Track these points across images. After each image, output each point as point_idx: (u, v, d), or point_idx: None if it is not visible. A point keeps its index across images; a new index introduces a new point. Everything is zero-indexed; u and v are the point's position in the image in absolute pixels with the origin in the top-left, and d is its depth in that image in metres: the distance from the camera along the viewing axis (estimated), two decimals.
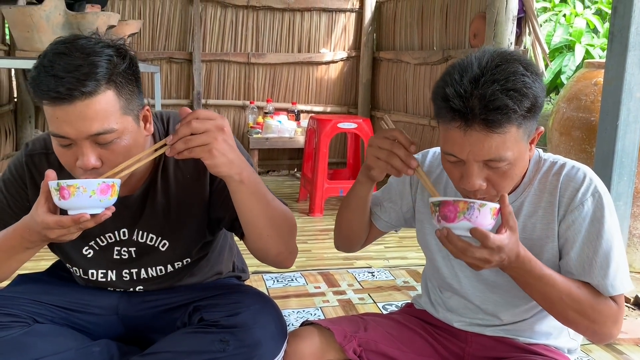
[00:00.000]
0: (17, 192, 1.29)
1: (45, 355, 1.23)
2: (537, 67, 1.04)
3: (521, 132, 1.02)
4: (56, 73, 1.02)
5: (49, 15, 2.62)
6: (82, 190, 1.03)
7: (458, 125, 1.00)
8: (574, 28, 4.59)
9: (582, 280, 1.11)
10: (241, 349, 1.20)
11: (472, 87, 0.98)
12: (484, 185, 1.05)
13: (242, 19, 4.65)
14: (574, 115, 2.85)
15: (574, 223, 1.10)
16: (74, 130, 1.05)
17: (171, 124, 1.30)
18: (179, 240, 1.33)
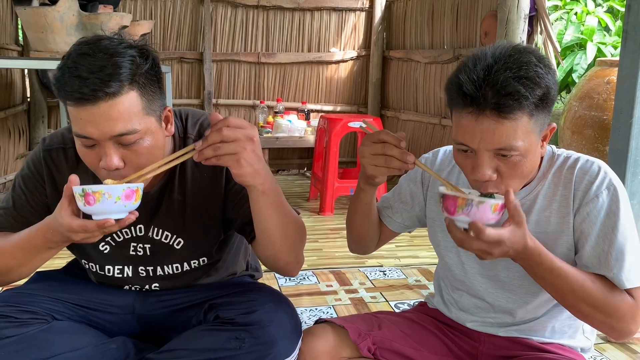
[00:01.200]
0: (36, 187, 1.30)
1: (63, 351, 1.24)
2: (549, 61, 1.05)
3: (532, 123, 1.02)
4: (80, 74, 1.03)
5: (63, 16, 2.65)
6: (108, 197, 1.03)
7: (470, 112, 1.02)
8: (586, 26, 4.55)
9: (598, 274, 1.11)
10: (257, 346, 1.21)
11: (485, 74, 0.99)
12: (494, 176, 1.05)
13: (252, 18, 4.66)
14: (586, 113, 2.83)
15: (588, 215, 1.10)
16: (98, 131, 1.07)
17: (189, 122, 1.31)
18: (193, 239, 1.34)
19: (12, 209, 1.30)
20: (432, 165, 1.32)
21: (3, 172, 3.76)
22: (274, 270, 1.33)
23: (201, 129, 1.31)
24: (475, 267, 1.25)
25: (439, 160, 1.32)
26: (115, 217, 1.06)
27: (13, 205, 1.30)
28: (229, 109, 4.77)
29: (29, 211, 1.30)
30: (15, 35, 4.03)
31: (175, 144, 1.30)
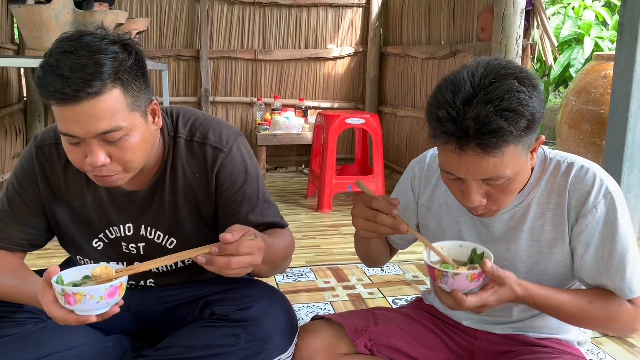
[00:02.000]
0: (30, 185, 1.29)
1: (59, 350, 1.25)
2: (533, 79, 0.99)
3: (519, 149, 0.99)
4: (62, 73, 1.02)
5: (58, 14, 2.64)
6: (89, 297, 1.00)
7: (452, 149, 0.98)
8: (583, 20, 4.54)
9: (595, 287, 1.11)
10: (252, 342, 1.21)
11: (465, 109, 0.94)
12: (484, 201, 1.04)
13: (248, 15, 4.65)
14: (583, 108, 2.83)
15: (587, 227, 1.08)
16: (82, 130, 1.06)
17: (180, 121, 1.30)
18: (186, 239, 1.33)
19: (8, 210, 1.29)
20: (422, 168, 1.30)
21: (0, 172, 3.76)
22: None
23: (192, 128, 1.29)
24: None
25: (426, 166, 1.29)
26: (98, 312, 1.04)
27: (9, 206, 1.29)
28: (226, 106, 4.76)
29: (26, 211, 1.29)
30: (11, 34, 4.01)
31: (165, 142, 1.28)
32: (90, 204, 1.27)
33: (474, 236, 1.21)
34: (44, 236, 1.34)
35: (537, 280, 1.17)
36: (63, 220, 1.30)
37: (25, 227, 1.30)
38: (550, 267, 1.15)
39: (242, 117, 4.79)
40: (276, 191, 4.12)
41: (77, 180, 1.28)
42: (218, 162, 1.27)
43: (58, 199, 1.30)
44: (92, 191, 1.29)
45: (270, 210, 1.35)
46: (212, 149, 1.27)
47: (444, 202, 1.25)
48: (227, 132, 1.30)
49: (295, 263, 2.49)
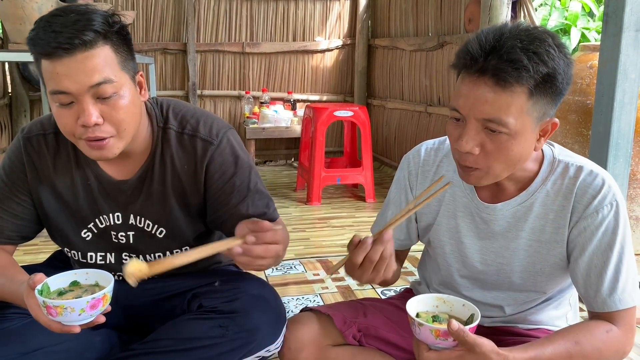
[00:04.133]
0: (18, 177, 1.29)
1: (46, 345, 1.24)
2: (569, 53, 0.99)
3: (530, 105, 0.98)
4: (54, 29, 1.06)
5: (41, 7, 2.61)
6: (70, 310, 0.99)
7: (469, 73, 0.99)
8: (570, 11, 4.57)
9: (585, 296, 1.09)
10: (240, 334, 1.21)
11: (494, 40, 0.96)
12: (476, 150, 1.01)
13: (236, 8, 4.62)
14: (569, 98, 2.85)
15: (585, 230, 1.07)
16: (75, 84, 1.07)
17: (171, 113, 1.30)
18: (176, 229, 1.33)
19: None
20: (417, 163, 1.27)
21: None
22: None
23: (183, 121, 1.29)
24: (463, 271, 1.24)
25: (422, 158, 1.27)
26: (81, 323, 1.04)
27: None
28: (214, 100, 4.75)
29: (15, 202, 1.29)
30: None
31: (154, 132, 1.28)
32: (81, 192, 1.27)
33: (472, 231, 1.19)
34: (33, 228, 1.34)
35: (532, 281, 1.17)
36: (52, 211, 1.30)
37: (14, 219, 1.29)
38: (546, 269, 1.14)
39: (230, 111, 4.78)
40: (265, 185, 4.08)
41: (67, 170, 1.28)
42: (208, 155, 1.27)
43: (47, 190, 1.30)
44: (82, 180, 1.29)
45: (262, 201, 1.34)
46: (202, 141, 1.27)
47: (442, 196, 1.23)
48: (218, 125, 1.30)
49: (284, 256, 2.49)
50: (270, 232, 1.08)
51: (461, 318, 1.06)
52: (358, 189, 3.85)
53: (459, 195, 1.20)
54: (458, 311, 1.07)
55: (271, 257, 1.09)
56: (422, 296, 1.07)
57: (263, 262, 1.09)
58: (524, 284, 1.18)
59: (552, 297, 1.23)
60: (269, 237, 1.07)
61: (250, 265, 1.09)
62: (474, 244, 1.20)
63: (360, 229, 3.02)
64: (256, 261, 1.08)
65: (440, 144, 1.27)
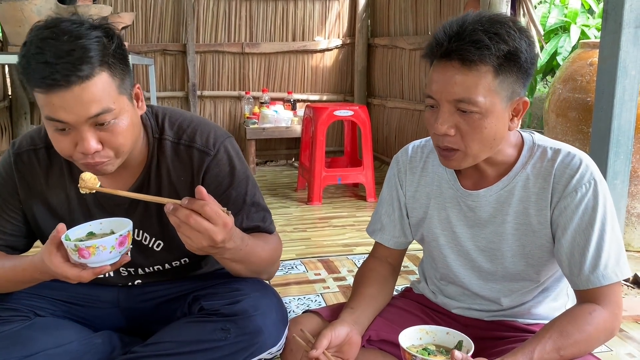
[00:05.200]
0: (10, 194, 1.28)
1: (47, 348, 1.24)
2: (530, 36, 1.06)
3: (497, 83, 1.04)
4: (47, 60, 1.00)
5: (40, 9, 2.62)
6: (102, 249, 1.04)
7: (437, 58, 1.06)
8: (569, 9, 4.58)
9: (570, 277, 1.11)
10: (242, 336, 1.21)
11: (457, 26, 1.04)
12: (451, 131, 1.07)
13: (235, 8, 4.64)
14: (570, 96, 2.85)
15: (566, 209, 1.10)
16: (72, 115, 1.04)
17: (167, 123, 1.29)
18: (173, 242, 1.31)
19: None
20: (405, 161, 1.33)
21: None
22: None
23: (179, 131, 1.28)
24: (459, 261, 1.27)
25: (410, 156, 1.34)
26: (111, 262, 1.07)
27: None
28: (214, 100, 4.76)
29: (5, 219, 1.28)
30: None
31: (149, 143, 1.27)
32: (76, 207, 1.26)
33: (462, 220, 1.23)
34: (24, 242, 1.33)
35: (525, 264, 1.20)
36: (47, 227, 1.27)
37: (3, 235, 1.29)
38: (535, 252, 1.17)
39: (230, 111, 4.80)
40: (266, 185, 4.12)
41: (61, 185, 1.27)
42: (204, 166, 1.26)
43: (41, 206, 1.29)
44: (77, 194, 1.27)
45: (258, 214, 1.34)
46: (198, 152, 1.26)
47: (431, 190, 1.28)
48: (215, 134, 1.29)
49: (285, 256, 2.49)
50: (208, 204, 1.04)
51: (448, 346, 1.09)
52: (359, 188, 3.86)
53: (445, 187, 1.25)
54: (442, 339, 1.10)
55: (195, 230, 1.04)
56: (406, 331, 1.10)
57: (186, 231, 1.05)
58: (517, 269, 1.21)
59: (548, 288, 1.25)
60: (197, 206, 1.04)
61: (179, 230, 1.06)
62: (465, 232, 1.24)
63: (361, 228, 3.03)
64: (181, 227, 1.05)
65: (427, 142, 1.33)
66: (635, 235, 2.62)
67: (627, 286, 2.22)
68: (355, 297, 1.29)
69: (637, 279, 2.24)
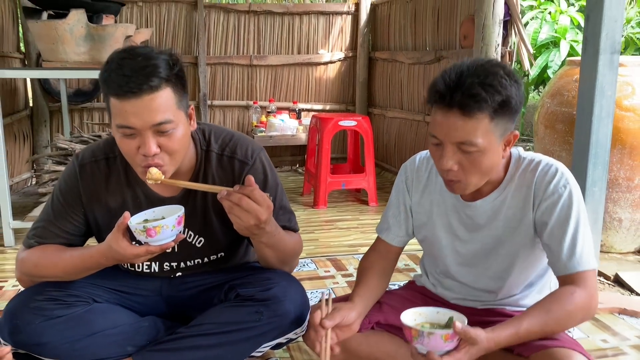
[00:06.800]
0: (73, 200, 1.45)
1: (105, 328, 1.43)
2: (517, 77, 1.22)
3: (493, 125, 1.19)
4: (125, 73, 1.22)
5: (72, 28, 2.80)
6: (166, 227, 1.24)
7: (441, 107, 1.20)
8: (559, 25, 4.75)
9: (554, 267, 1.27)
10: (273, 318, 1.40)
11: (457, 78, 1.18)
12: (455, 167, 1.23)
13: (244, 23, 4.80)
14: (557, 109, 3.01)
15: (546, 209, 1.28)
16: (140, 121, 1.24)
17: (212, 138, 1.49)
18: (213, 238, 1.51)
19: (54, 220, 1.46)
20: (412, 170, 1.49)
21: (10, 175, 3.92)
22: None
23: (223, 144, 1.48)
24: (457, 259, 1.43)
25: (417, 165, 1.49)
26: (172, 239, 1.28)
27: (54, 217, 1.46)
28: (223, 110, 4.91)
29: (69, 221, 1.46)
30: (17, 44, 4.17)
31: (198, 155, 1.47)
32: (131, 210, 1.37)
33: (461, 225, 1.39)
34: (80, 239, 1.51)
35: (513, 261, 1.34)
36: (106, 227, 1.42)
37: (65, 234, 1.46)
38: (521, 250, 1.34)
39: (238, 120, 4.94)
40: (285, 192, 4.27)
41: (119, 190, 1.46)
42: (244, 174, 1.45)
43: (102, 209, 1.46)
44: (132, 198, 1.45)
45: (285, 216, 1.53)
46: (239, 162, 1.47)
47: (435, 198, 1.44)
48: (252, 147, 1.50)
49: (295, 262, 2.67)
50: (256, 189, 1.25)
51: (440, 323, 1.22)
52: (361, 193, 4.02)
53: (447, 196, 1.41)
54: (434, 318, 1.23)
55: (246, 211, 1.23)
56: (404, 313, 1.21)
57: (238, 212, 1.24)
58: (507, 266, 1.36)
59: (533, 283, 1.42)
60: (247, 190, 1.24)
61: (230, 211, 1.25)
62: (464, 235, 1.40)
63: (364, 230, 3.21)
64: (233, 209, 1.24)
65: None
66: (617, 238, 2.78)
67: (608, 284, 2.42)
68: (361, 286, 1.45)
69: (617, 278, 2.43)
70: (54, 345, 1.39)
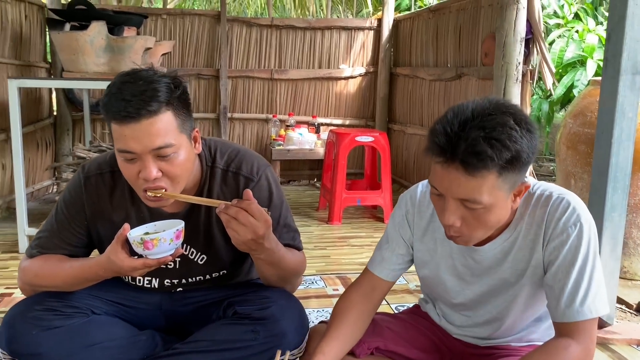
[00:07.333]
0: (77, 212, 1.45)
1: (102, 341, 1.42)
2: (531, 125, 1.06)
3: (500, 182, 1.06)
4: (124, 97, 1.22)
5: (93, 40, 2.86)
6: (163, 241, 1.23)
7: (439, 161, 1.07)
8: (586, 44, 4.68)
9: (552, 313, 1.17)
10: (269, 338, 1.38)
11: (459, 129, 1.03)
12: (457, 222, 1.11)
13: (266, 37, 4.86)
14: (579, 130, 2.95)
15: (554, 250, 1.16)
16: (140, 145, 1.23)
17: (218, 153, 1.48)
18: (216, 255, 1.50)
19: (57, 231, 1.46)
20: (414, 204, 1.36)
21: (32, 182, 4.00)
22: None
23: (228, 160, 1.47)
24: (461, 299, 1.35)
25: (418, 201, 1.37)
26: (169, 254, 1.27)
27: (57, 228, 1.46)
28: (243, 122, 4.96)
29: (71, 233, 1.46)
30: (44, 54, 4.29)
31: (203, 171, 1.46)
32: (135, 224, 1.37)
33: (467, 269, 1.30)
34: (83, 251, 1.50)
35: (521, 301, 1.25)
36: (107, 239, 1.40)
37: (68, 246, 1.47)
38: (530, 290, 1.25)
39: (257, 133, 4.98)
40: (289, 203, 4.25)
41: (122, 205, 1.45)
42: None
43: (105, 222, 1.45)
44: (136, 214, 1.44)
45: (289, 234, 1.52)
46: (244, 178, 1.45)
47: (439, 237, 1.32)
48: (258, 163, 1.49)
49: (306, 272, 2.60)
50: (253, 203, 1.24)
51: None
52: (377, 210, 3.99)
53: None
54: None
55: (243, 225, 1.22)
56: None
57: (235, 226, 1.23)
58: (514, 307, 1.28)
59: (541, 318, 1.34)
60: (245, 204, 1.23)
61: (228, 225, 1.24)
62: (471, 279, 1.31)
63: None
64: (230, 222, 1.23)
65: None
66: (637, 262, 2.72)
67: (630, 313, 2.33)
68: (328, 339, 1.30)
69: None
70: (50, 356, 1.38)
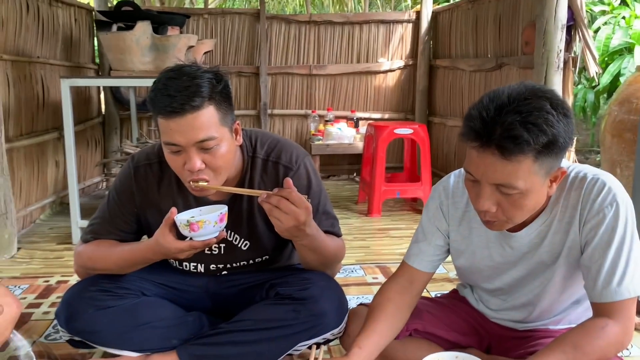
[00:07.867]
0: (128, 199, 1.53)
1: (152, 320, 1.50)
2: (567, 109, 1.07)
3: (537, 166, 1.06)
4: (170, 93, 1.29)
5: (139, 39, 2.97)
6: (208, 223, 1.30)
7: (475, 146, 1.07)
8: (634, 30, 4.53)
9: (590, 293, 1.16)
10: (310, 317, 1.43)
11: (495, 114, 1.04)
12: (493, 208, 1.12)
13: (304, 33, 4.91)
14: (625, 117, 2.89)
15: (590, 230, 1.16)
16: (184, 138, 1.30)
17: (259, 144, 1.54)
18: (258, 242, 1.56)
19: (108, 218, 1.54)
20: (447, 194, 1.36)
21: (82, 178, 4.18)
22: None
23: (268, 149, 1.53)
24: (499, 285, 1.35)
25: (451, 192, 1.36)
26: (214, 236, 1.33)
27: (109, 215, 1.54)
28: (282, 118, 5.03)
29: (122, 220, 1.54)
30: (92, 55, 4.47)
31: (244, 160, 1.52)
32: (182, 211, 1.42)
33: (503, 257, 1.30)
34: (133, 237, 1.57)
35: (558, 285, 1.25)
36: (156, 226, 1.43)
37: (119, 232, 1.54)
38: (567, 272, 1.24)
39: (297, 129, 5.04)
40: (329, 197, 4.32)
41: (170, 193, 1.52)
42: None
43: (153, 210, 1.52)
44: (183, 202, 1.50)
45: (328, 221, 1.56)
46: (284, 167, 1.51)
47: (474, 227, 1.33)
48: (297, 153, 1.54)
49: (346, 261, 2.69)
50: (293, 191, 1.29)
51: None
52: (417, 202, 3.98)
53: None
54: None
55: (284, 212, 1.27)
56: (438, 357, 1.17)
57: (277, 214, 1.28)
58: (551, 291, 1.28)
59: (580, 300, 1.33)
60: (285, 192, 1.28)
61: (270, 213, 1.29)
62: (508, 265, 1.31)
63: None
64: (272, 211, 1.28)
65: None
66: None
67: None
68: (365, 333, 1.29)
69: None
70: (104, 333, 1.47)
